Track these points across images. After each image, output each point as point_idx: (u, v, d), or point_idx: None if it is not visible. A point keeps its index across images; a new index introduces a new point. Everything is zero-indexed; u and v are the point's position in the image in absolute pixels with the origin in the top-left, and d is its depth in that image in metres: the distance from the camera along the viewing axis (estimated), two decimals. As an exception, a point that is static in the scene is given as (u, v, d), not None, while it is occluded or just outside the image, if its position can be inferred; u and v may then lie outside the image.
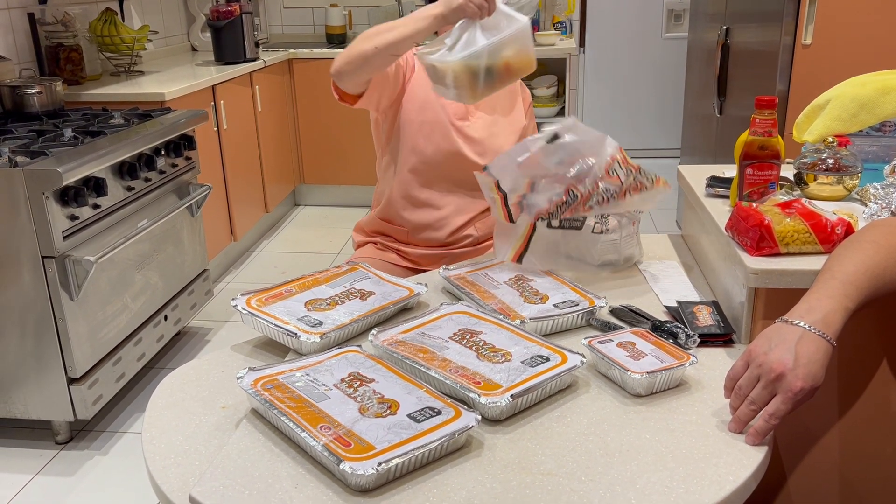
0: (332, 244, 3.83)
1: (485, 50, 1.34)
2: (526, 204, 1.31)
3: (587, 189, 1.29)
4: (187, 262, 2.68)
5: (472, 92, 1.40)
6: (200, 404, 1.10)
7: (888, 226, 1.08)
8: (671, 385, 1.08)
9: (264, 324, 1.20)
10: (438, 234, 1.76)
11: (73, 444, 2.23)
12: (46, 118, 2.54)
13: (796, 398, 0.92)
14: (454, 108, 1.70)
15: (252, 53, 3.69)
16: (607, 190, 1.31)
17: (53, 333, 2.04)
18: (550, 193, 1.29)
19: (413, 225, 1.77)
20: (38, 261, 1.99)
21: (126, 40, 3.25)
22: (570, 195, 1.29)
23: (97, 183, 2.09)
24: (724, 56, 3.01)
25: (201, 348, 2.79)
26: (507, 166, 1.30)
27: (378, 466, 0.85)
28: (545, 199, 1.29)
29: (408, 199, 1.75)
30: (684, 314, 1.24)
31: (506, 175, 1.30)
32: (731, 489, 0.88)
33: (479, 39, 1.33)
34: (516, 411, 1.02)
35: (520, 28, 1.34)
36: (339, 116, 4.15)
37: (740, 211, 1.23)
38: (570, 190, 1.29)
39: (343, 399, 0.98)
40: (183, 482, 0.93)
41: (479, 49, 1.33)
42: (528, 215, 1.31)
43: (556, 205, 1.29)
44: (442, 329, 1.17)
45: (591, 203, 1.30)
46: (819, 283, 1.00)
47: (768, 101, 1.30)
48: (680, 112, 4.10)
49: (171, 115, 2.62)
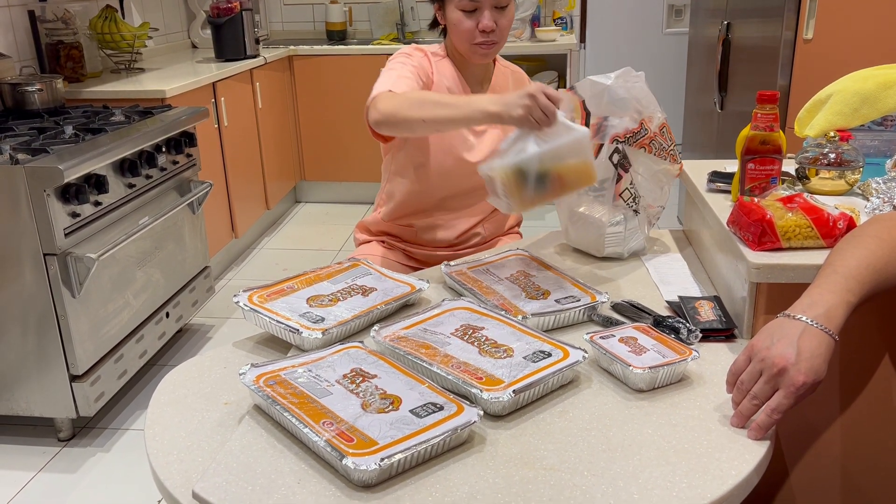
0: (334, 241, 3.83)
1: (536, 157, 1.24)
2: (606, 125, 1.39)
3: (654, 129, 1.40)
4: (189, 259, 2.68)
5: (520, 200, 1.28)
6: (203, 400, 1.10)
7: (890, 220, 1.08)
8: (673, 380, 1.08)
9: (266, 320, 1.21)
10: (447, 234, 1.76)
11: (76, 441, 2.23)
12: (47, 115, 2.54)
13: (798, 392, 0.92)
14: None
15: (252, 50, 3.68)
16: (660, 144, 1.42)
17: (55, 331, 2.04)
18: (627, 121, 1.39)
19: (421, 226, 1.76)
20: (39, 258, 1.99)
21: (126, 37, 3.25)
22: (642, 128, 1.39)
23: (98, 180, 2.09)
24: (725, 51, 3.01)
25: (203, 345, 2.79)
26: (595, 92, 1.37)
27: (381, 462, 0.86)
28: (622, 126, 1.38)
29: (418, 204, 1.74)
30: (686, 309, 1.24)
31: (591, 99, 1.38)
32: (734, 484, 0.88)
33: (530, 146, 1.24)
34: (518, 407, 1.02)
35: (577, 138, 1.25)
36: (339, 113, 4.15)
37: (742, 206, 1.23)
38: (644, 124, 1.39)
39: (345, 395, 0.98)
40: (186, 478, 0.93)
41: (530, 156, 1.24)
42: (601, 140, 1.39)
43: (630, 132, 1.38)
44: (444, 325, 1.17)
45: (653, 145, 1.41)
46: (821, 278, 1.00)
47: (770, 95, 1.30)
48: (681, 108, 4.09)
49: (171, 112, 2.61)
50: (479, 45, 1.60)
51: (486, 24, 1.56)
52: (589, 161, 1.28)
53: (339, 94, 4.11)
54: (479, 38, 1.58)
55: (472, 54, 1.62)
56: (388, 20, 4.48)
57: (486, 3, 1.57)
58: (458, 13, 1.58)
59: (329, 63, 4.09)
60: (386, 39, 4.32)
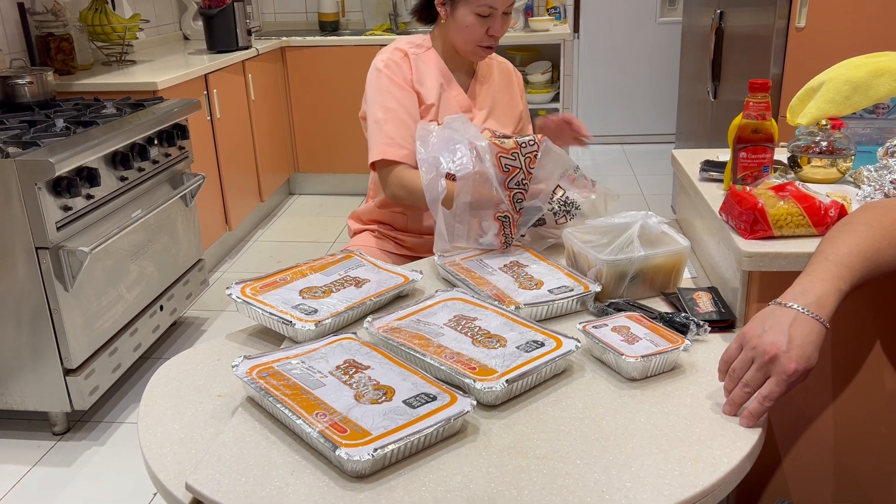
0: (328, 233, 3.83)
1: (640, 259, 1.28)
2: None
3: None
4: (182, 252, 2.67)
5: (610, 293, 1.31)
6: (196, 393, 1.10)
7: (881, 207, 1.08)
8: (666, 369, 1.08)
9: (259, 312, 1.20)
10: None
11: (71, 434, 2.23)
12: (38, 108, 2.52)
13: (790, 380, 0.92)
14: (458, 105, 1.69)
15: (244, 42, 3.66)
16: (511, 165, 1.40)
17: (49, 325, 2.04)
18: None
19: (412, 213, 1.76)
20: (31, 252, 1.98)
21: (117, 29, 3.23)
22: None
23: (90, 173, 2.08)
24: (718, 40, 3.00)
25: (198, 338, 2.79)
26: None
27: (374, 452, 0.86)
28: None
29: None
30: (684, 301, 1.24)
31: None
32: (726, 471, 0.89)
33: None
34: (511, 396, 1.02)
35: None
36: (333, 104, 4.13)
37: (734, 194, 1.23)
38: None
39: (338, 386, 0.98)
40: (179, 470, 0.94)
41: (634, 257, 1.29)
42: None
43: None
44: (437, 316, 1.17)
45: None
46: (812, 266, 1.00)
47: (762, 84, 1.30)
48: (674, 97, 4.10)
49: (163, 104, 2.60)
50: (483, 48, 1.63)
51: (497, 31, 1.59)
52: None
53: (332, 85, 4.10)
54: (486, 41, 1.61)
55: (472, 54, 1.65)
56: (381, 10, 4.46)
57: (500, 9, 1.58)
58: (473, 17, 1.59)
59: (322, 54, 4.07)
60: (379, 30, 4.30)
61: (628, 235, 1.28)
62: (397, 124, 1.60)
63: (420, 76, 1.67)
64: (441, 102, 1.67)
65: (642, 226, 1.29)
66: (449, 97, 1.68)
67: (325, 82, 4.11)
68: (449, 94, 1.68)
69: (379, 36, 4.12)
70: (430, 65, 1.68)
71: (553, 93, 4.17)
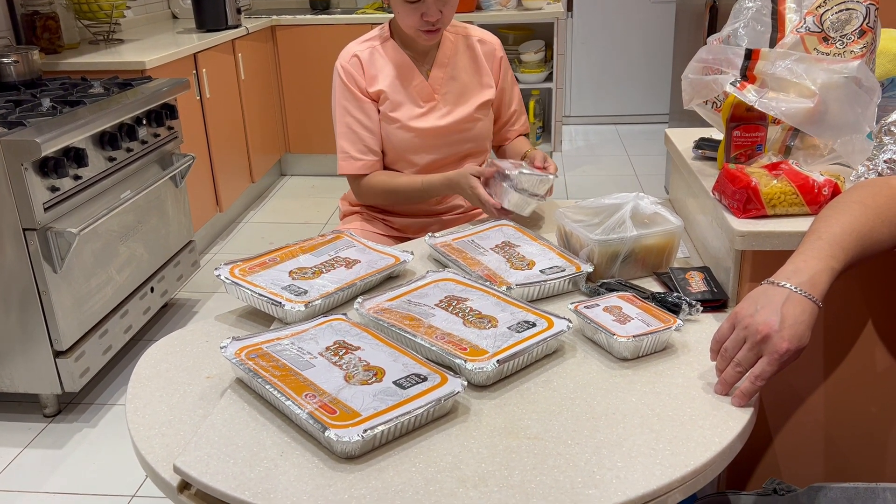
0: (320, 214, 3.81)
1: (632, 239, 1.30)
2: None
3: None
4: (172, 234, 2.65)
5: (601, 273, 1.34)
6: (185, 374, 1.09)
7: (875, 186, 1.07)
8: (657, 348, 1.08)
9: (248, 293, 1.19)
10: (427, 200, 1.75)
11: (62, 416, 2.23)
12: (24, 88, 2.49)
13: (782, 359, 0.92)
14: (419, 94, 1.68)
15: (234, 20, 3.62)
16: None
17: (38, 306, 2.02)
18: None
19: None
20: (19, 233, 1.96)
21: (104, 7, 3.18)
22: None
23: (77, 153, 2.06)
24: (712, 18, 2.98)
25: (189, 320, 2.78)
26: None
27: (363, 433, 0.85)
28: None
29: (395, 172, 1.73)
30: (676, 280, 1.23)
31: None
32: (717, 450, 0.88)
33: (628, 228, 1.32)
34: (502, 377, 1.02)
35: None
36: (324, 84, 4.09)
37: (727, 173, 1.22)
38: None
39: (328, 367, 0.97)
40: (168, 452, 0.93)
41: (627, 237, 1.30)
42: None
43: None
44: (428, 296, 1.16)
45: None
46: (805, 244, 0.99)
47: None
48: (668, 76, 4.07)
49: (152, 83, 2.57)
50: (425, 32, 1.60)
51: (431, 16, 1.56)
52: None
53: (323, 64, 4.05)
54: (425, 26, 1.58)
55: (419, 38, 1.63)
56: (373, -11, 4.41)
57: None
58: (402, 3, 1.56)
59: (313, 33, 4.03)
60: (370, 9, 4.25)
61: (620, 215, 1.27)
62: (352, 137, 1.68)
63: (374, 73, 1.66)
64: (400, 93, 1.66)
65: (634, 206, 1.28)
66: (409, 86, 1.67)
67: (316, 62, 4.07)
68: (408, 84, 1.67)
69: (370, 14, 4.07)
70: (389, 56, 1.67)
71: (546, 72, 4.14)
